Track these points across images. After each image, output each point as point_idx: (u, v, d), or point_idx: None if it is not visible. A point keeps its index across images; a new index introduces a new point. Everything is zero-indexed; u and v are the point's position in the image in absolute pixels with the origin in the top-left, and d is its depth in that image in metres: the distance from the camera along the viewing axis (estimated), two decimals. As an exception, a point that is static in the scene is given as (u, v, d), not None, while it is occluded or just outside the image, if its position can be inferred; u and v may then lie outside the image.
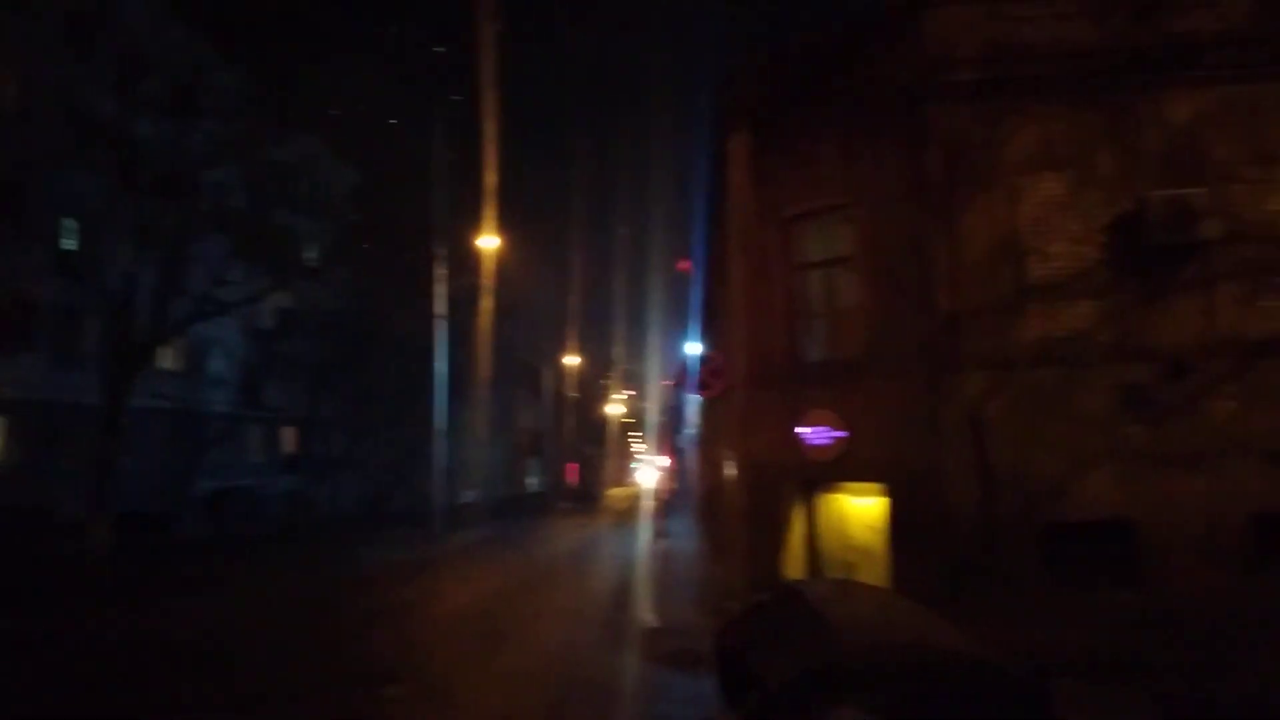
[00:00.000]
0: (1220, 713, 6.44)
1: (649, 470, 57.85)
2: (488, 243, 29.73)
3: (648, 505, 37.38)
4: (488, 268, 30.60)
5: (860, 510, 10.98)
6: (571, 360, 51.01)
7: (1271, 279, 9.66)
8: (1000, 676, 3.76)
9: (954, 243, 10.06)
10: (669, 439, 50.61)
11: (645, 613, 13.42)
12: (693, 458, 39.19)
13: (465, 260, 30.36)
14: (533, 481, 48.80)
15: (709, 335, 21.25)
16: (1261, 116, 9.85)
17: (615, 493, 57.77)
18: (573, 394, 52.28)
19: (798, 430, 10.78)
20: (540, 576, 18.33)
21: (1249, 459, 9.25)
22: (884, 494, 10.43)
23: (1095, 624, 8.38)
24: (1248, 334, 9.56)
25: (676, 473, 49.52)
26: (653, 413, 59.61)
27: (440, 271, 27.34)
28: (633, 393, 68.07)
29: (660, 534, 27.29)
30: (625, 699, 8.97)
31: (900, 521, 10.18)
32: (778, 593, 6.38)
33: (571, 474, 51.16)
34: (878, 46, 10.79)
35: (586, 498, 50.60)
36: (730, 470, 11.84)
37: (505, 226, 30.66)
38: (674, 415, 49.20)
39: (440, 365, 27.58)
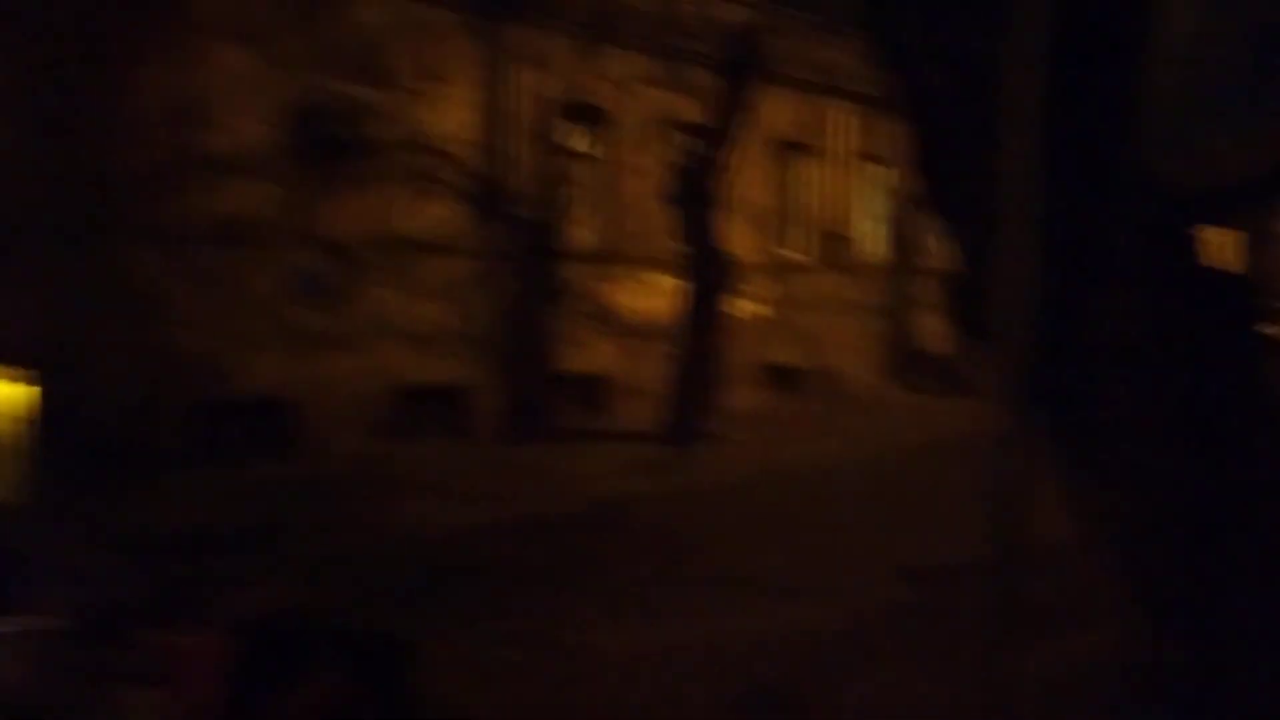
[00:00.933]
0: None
1: None
2: None
3: None
4: None
5: (-2, 399, 9.42)
6: None
7: (430, 186, 11.01)
8: None
9: (129, 99, 9.07)
10: None
11: None
12: None
13: None
14: None
15: None
16: (432, 36, 11.00)
17: None
18: None
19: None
20: None
21: (397, 341, 10.55)
22: (31, 380, 9.10)
23: (248, 498, 8.66)
24: (408, 232, 10.77)
25: None
26: None
27: None
28: None
29: None
30: None
31: (50, 409, 9.02)
32: None
33: None
34: None
35: None
36: None
37: None
38: None
39: None
